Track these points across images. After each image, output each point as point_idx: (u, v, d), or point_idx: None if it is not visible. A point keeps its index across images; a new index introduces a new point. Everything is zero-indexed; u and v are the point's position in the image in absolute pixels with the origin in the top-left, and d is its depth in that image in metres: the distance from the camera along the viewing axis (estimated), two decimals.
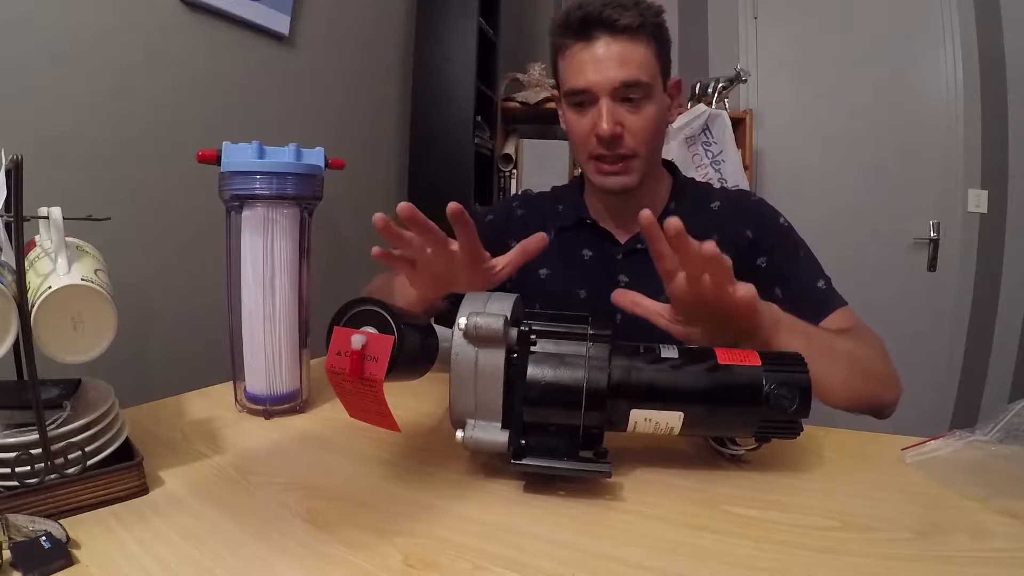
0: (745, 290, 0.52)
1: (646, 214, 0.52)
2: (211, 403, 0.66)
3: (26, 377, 0.41)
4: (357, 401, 0.44)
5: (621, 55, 0.72)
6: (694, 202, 0.85)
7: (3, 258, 0.43)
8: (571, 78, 0.76)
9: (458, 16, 1.81)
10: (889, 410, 0.68)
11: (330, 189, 0.69)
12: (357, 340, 0.41)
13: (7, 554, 0.35)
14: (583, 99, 0.75)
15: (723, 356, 0.49)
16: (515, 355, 0.48)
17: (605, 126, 0.73)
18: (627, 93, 0.73)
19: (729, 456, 0.53)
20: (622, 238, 0.84)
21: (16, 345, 0.41)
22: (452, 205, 0.52)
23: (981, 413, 2.15)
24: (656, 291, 0.80)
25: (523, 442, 0.47)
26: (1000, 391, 2.14)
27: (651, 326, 0.76)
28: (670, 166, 0.90)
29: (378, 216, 0.51)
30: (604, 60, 0.72)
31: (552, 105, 2.11)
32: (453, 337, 0.48)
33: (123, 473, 0.44)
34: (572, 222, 0.86)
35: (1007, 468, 0.47)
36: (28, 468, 0.40)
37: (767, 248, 0.80)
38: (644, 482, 0.49)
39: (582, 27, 0.73)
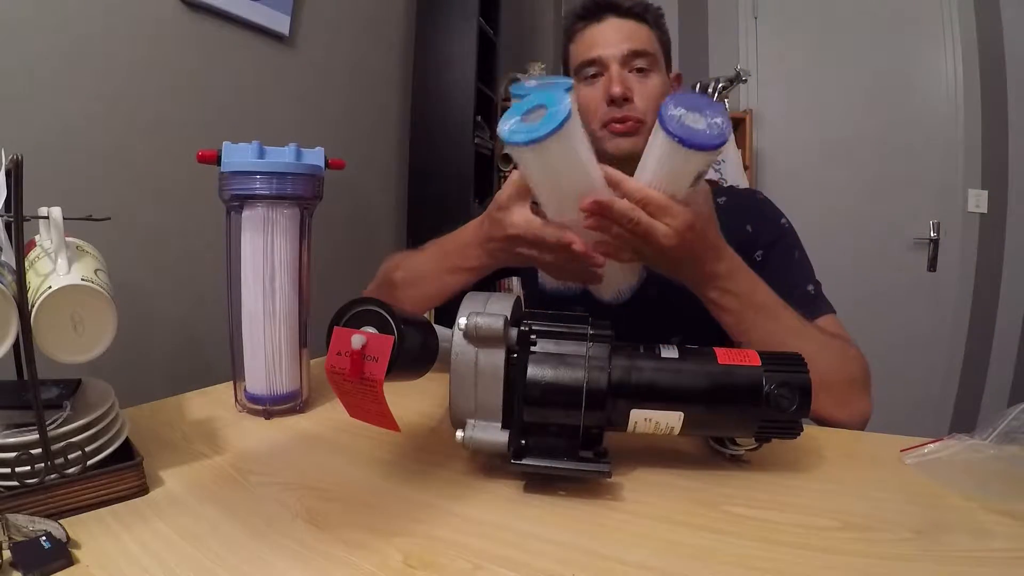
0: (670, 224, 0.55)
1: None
2: (211, 403, 0.66)
3: (26, 377, 0.41)
4: (357, 401, 0.44)
5: (628, 30, 0.80)
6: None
7: (3, 258, 0.43)
8: (583, 52, 0.82)
9: (458, 16, 1.81)
10: (837, 424, 0.63)
11: (330, 189, 0.69)
12: (357, 340, 0.41)
13: (7, 554, 0.35)
14: (594, 70, 0.81)
15: (723, 356, 0.49)
16: (515, 355, 0.48)
17: (615, 88, 0.77)
18: (635, 62, 0.80)
19: (729, 456, 0.53)
20: None
21: (16, 345, 0.41)
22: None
23: (981, 413, 2.15)
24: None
25: (523, 442, 0.47)
26: (1000, 391, 2.14)
27: (671, 305, 0.75)
28: None
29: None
30: (613, 34, 0.80)
31: None
32: (453, 337, 0.48)
33: (123, 473, 0.44)
34: None
35: (1007, 469, 0.47)
36: (28, 468, 0.40)
37: (764, 243, 0.81)
38: (644, 482, 0.49)
39: (592, 11, 0.82)
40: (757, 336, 0.61)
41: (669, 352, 0.49)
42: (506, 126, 0.49)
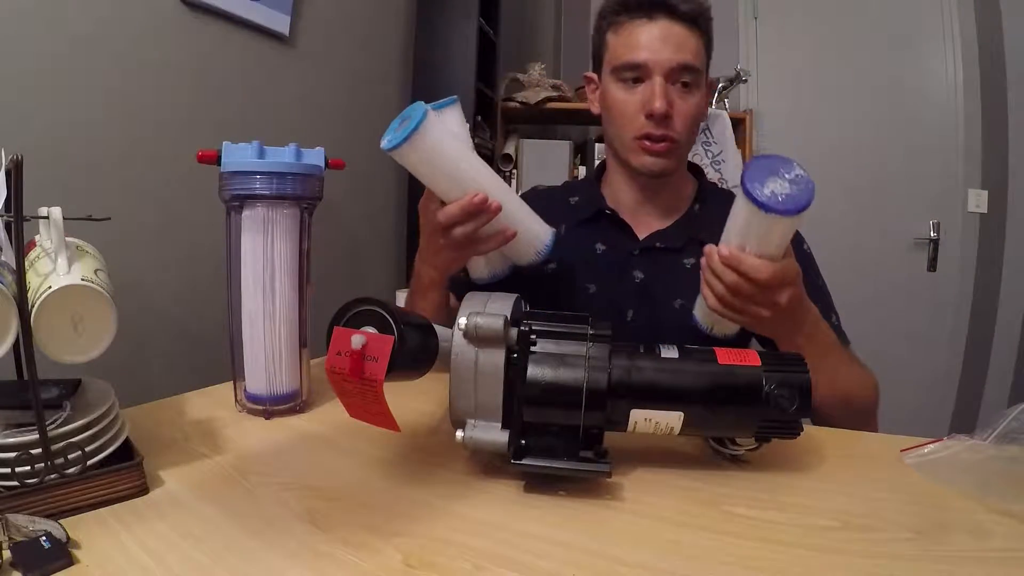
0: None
1: (708, 248, 0.59)
2: (211, 403, 0.66)
3: (26, 377, 0.41)
4: (357, 401, 0.44)
5: (680, 39, 0.74)
6: (719, 208, 0.81)
7: (3, 258, 0.43)
8: (627, 52, 0.76)
9: (458, 16, 1.80)
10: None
11: (330, 189, 0.69)
12: (357, 340, 0.41)
13: (7, 554, 0.35)
14: (637, 75, 0.75)
15: (723, 356, 0.49)
16: (515, 355, 0.48)
17: (659, 104, 0.72)
18: (681, 76, 0.75)
19: (729, 456, 0.53)
20: (641, 233, 0.83)
21: (16, 345, 0.41)
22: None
23: (981, 413, 2.15)
24: (669, 291, 0.80)
25: (523, 442, 0.47)
26: (1000, 391, 2.14)
27: (664, 324, 0.78)
28: (695, 169, 0.89)
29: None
30: (664, 40, 0.74)
31: (552, 105, 2.11)
32: (453, 337, 0.48)
33: (123, 473, 0.44)
34: (590, 214, 0.84)
35: (1006, 469, 0.47)
36: (28, 468, 0.40)
37: None
38: (644, 482, 0.49)
39: (645, 5, 0.75)
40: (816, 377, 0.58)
41: (669, 352, 0.49)
42: (384, 140, 0.58)
